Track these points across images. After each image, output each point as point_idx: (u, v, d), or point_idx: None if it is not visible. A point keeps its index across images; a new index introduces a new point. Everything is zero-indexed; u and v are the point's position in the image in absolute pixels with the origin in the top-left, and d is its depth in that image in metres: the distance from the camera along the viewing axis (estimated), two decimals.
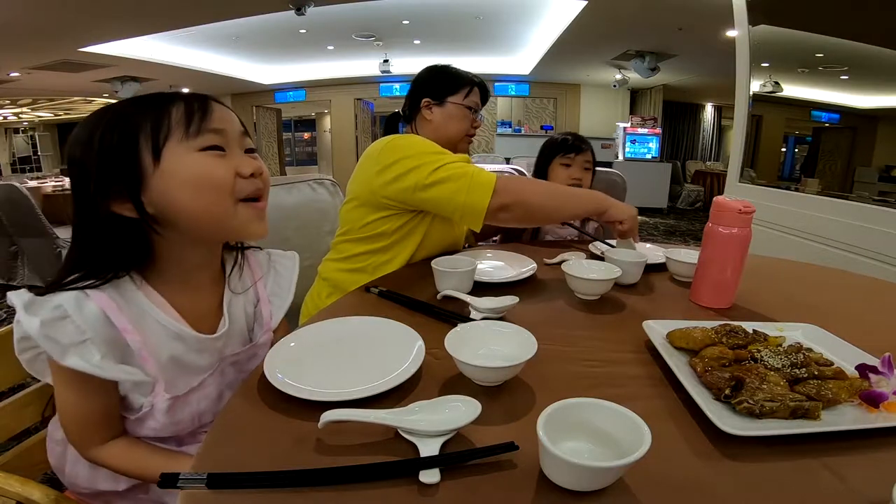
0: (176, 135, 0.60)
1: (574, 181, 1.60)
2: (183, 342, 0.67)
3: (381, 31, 7.12)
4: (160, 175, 0.60)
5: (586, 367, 0.68)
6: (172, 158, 0.60)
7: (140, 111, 0.61)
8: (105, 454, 0.65)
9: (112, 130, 0.60)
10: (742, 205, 0.86)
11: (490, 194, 1.06)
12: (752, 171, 2.59)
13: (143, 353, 0.63)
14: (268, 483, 0.44)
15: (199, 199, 0.61)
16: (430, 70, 1.37)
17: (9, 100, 10.03)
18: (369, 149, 1.21)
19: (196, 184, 0.61)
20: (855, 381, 0.59)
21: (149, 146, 0.59)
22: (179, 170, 0.60)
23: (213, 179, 0.62)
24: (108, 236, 0.61)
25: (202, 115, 0.62)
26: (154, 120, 0.60)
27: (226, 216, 0.64)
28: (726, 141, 11.05)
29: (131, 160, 0.59)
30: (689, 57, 7.03)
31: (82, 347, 0.57)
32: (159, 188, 0.60)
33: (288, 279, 0.84)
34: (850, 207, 1.91)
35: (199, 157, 0.61)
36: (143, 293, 0.64)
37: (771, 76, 2.41)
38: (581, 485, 0.43)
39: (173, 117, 0.61)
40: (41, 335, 0.55)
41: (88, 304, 0.59)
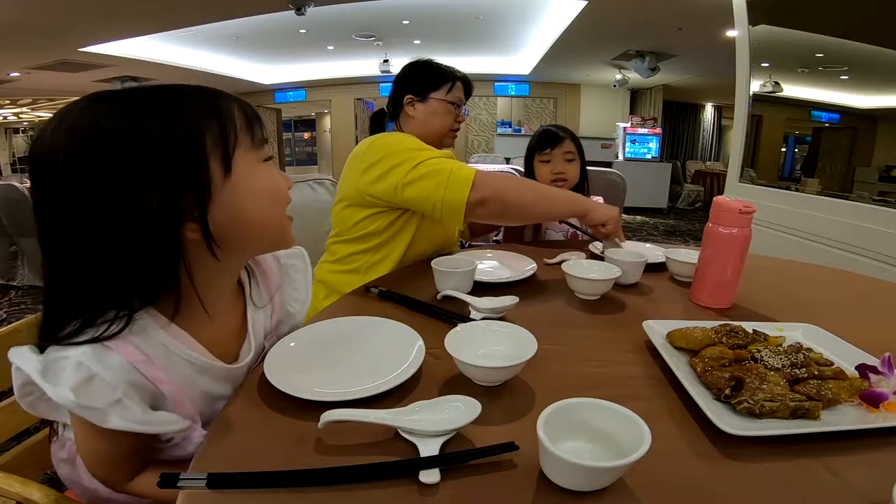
0: (243, 144, 0.56)
1: (557, 176, 1.53)
2: (209, 374, 0.62)
3: (381, 31, 7.12)
4: (232, 187, 0.54)
5: (586, 367, 0.68)
6: (244, 169, 0.55)
7: (199, 110, 0.53)
8: (138, 487, 0.61)
9: (174, 129, 0.51)
10: (742, 205, 0.86)
11: (469, 189, 1.05)
12: (752, 171, 2.59)
13: (178, 398, 0.58)
14: (268, 483, 0.44)
15: (270, 210, 0.60)
16: (412, 66, 1.36)
17: (9, 100, 10.02)
18: (356, 149, 1.22)
19: (269, 195, 0.59)
20: (855, 381, 0.59)
21: (218, 154, 0.53)
22: (253, 182, 0.57)
23: (281, 191, 0.61)
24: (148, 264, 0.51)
25: (260, 124, 0.59)
26: (220, 124, 0.54)
27: (283, 227, 0.63)
28: (726, 141, 11.05)
29: (202, 172, 0.52)
30: (689, 57, 7.03)
31: (120, 406, 0.51)
32: (228, 201, 0.54)
33: (303, 281, 0.81)
34: (849, 207, 1.91)
35: (265, 167, 0.59)
36: (166, 332, 0.57)
37: (771, 76, 2.41)
38: (581, 485, 0.43)
39: (237, 124, 0.56)
40: (78, 406, 0.48)
41: (111, 356, 0.51)
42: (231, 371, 0.64)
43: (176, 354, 0.58)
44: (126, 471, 0.60)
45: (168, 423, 0.56)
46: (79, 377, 0.49)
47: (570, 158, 1.55)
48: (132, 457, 0.60)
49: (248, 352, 0.67)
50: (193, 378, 0.60)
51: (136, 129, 0.49)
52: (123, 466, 0.60)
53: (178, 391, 0.58)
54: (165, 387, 0.56)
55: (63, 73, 7.46)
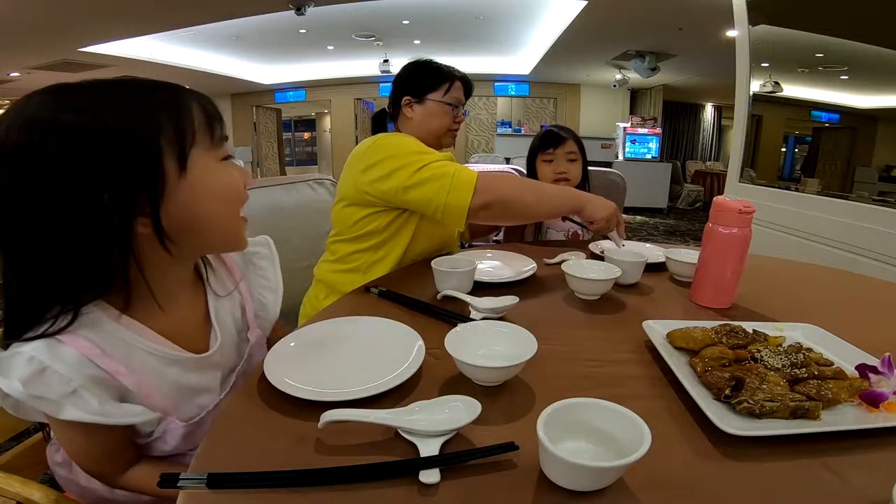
0: (201, 142, 0.56)
1: (559, 175, 1.55)
2: (179, 366, 0.62)
3: (381, 31, 7.12)
4: (187, 185, 0.54)
5: (586, 367, 0.68)
6: (200, 167, 0.56)
7: (157, 107, 0.53)
8: (132, 481, 0.62)
9: (128, 123, 0.51)
10: (742, 205, 0.86)
11: (471, 193, 1.07)
12: (752, 170, 2.58)
13: (143, 390, 0.58)
14: (268, 483, 0.44)
15: (224, 210, 0.59)
16: (410, 67, 1.35)
17: (8, 100, 10.04)
18: (356, 148, 1.23)
19: (225, 195, 0.59)
20: (855, 381, 0.59)
21: (174, 152, 0.53)
22: (209, 181, 0.57)
23: (237, 191, 0.61)
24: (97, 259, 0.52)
25: (220, 122, 0.59)
26: (176, 121, 0.54)
27: (234, 227, 0.62)
28: (726, 141, 11.05)
29: (156, 167, 0.52)
30: (689, 57, 7.03)
31: (75, 397, 0.52)
32: (183, 198, 0.54)
33: (271, 268, 0.80)
34: (849, 207, 1.91)
35: (223, 167, 0.59)
36: (116, 322, 0.57)
37: (771, 76, 2.41)
38: (581, 485, 0.43)
39: (195, 121, 0.56)
40: (27, 396, 0.49)
41: (64, 349, 0.52)
42: (199, 360, 0.64)
43: (136, 347, 0.58)
44: (115, 465, 0.62)
45: (133, 414, 0.57)
46: (30, 370, 0.50)
47: (573, 158, 1.56)
48: (117, 451, 0.61)
49: (215, 341, 0.67)
50: (161, 370, 0.60)
51: (91, 125, 0.49)
52: (111, 461, 0.61)
53: (144, 384, 0.58)
54: (126, 379, 0.56)
55: (63, 73, 7.46)
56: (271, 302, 0.79)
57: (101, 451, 0.59)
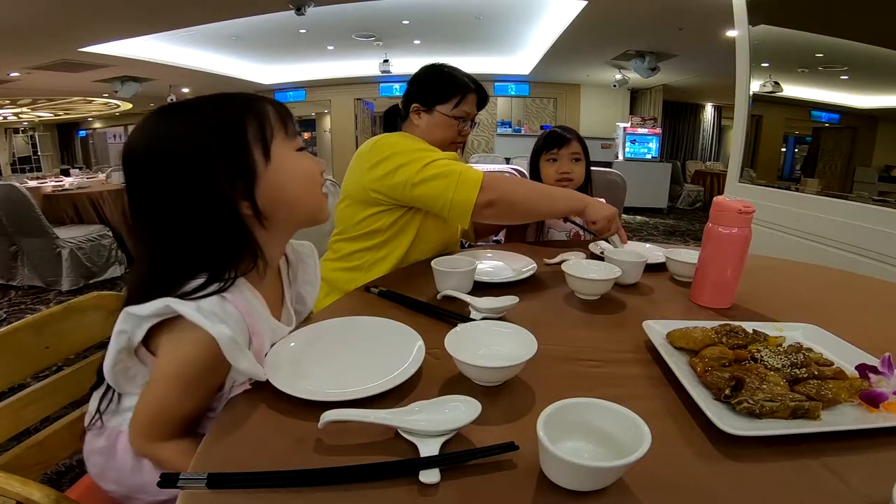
0: (278, 136, 0.67)
1: (563, 175, 1.54)
2: (272, 333, 0.69)
3: (381, 31, 7.11)
4: (273, 171, 0.65)
5: (586, 367, 0.69)
6: (280, 157, 0.66)
7: (238, 110, 0.65)
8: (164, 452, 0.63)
9: (221, 129, 0.63)
10: (742, 205, 0.86)
11: (477, 191, 1.09)
12: (752, 171, 2.58)
13: (259, 353, 0.64)
14: (268, 483, 0.45)
15: (305, 191, 0.70)
16: (427, 71, 1.35)
17: (9, 100, 10.02)
18: (360, 147, 1.24)
19: (304, 178, 0.69)
20: (855, 381, 0.59)
21: (259, 145, 0.64)
22: (289, 167, 0.67)
23: (314, 175, 0.71)
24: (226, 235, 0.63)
25: (291, 119, 0.70)
26: (258, 121, 0.65)
27: (317, 203, 0.72)
28: (726, 141, 11.05)
29: (249, 158, 0.63)
30: (689, 57, 7.02)
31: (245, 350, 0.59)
32: (271, 182, 0.65)
33: (314, 267, 0.90)
34: (849, 207, 1.91)
35: (299, 155, 0.69)
36: (250, 292, 0.66)
37: (771, 76, 2.41)
38: (581, 485, 0.43)
39: (270, 118, 0.66)
40: (231, 340, 0.56)
41: (230, 308, 0.60)
42: (283, 331, 0.73)
43: (260, 313, 0.66)
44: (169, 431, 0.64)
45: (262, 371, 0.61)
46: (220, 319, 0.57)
47: (577, 159, 1.57)
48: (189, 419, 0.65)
49: (288, 317, 0.79)
50: (266, 336, 0.67)
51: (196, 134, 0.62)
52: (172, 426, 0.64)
53: (262, 346, 0.65)
54: (256, 340, 0.64)
55: (63, 73, 7.45)
56: (310, 296, 0.88)
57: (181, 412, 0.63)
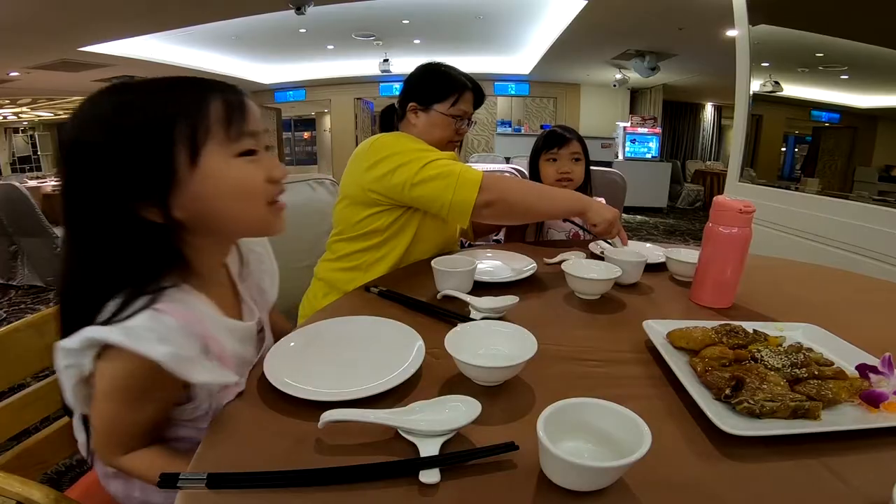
0: (216, 136, 0.56)
1: (563, 175, 1.54)
2: (233, 334, 0.65)
3: (381, 31, 7.11)
4: (197, 179, 0.55)
5: (586, 367, 0.68)
6: (212, 163, 0.56)
7: (175, 101, 0.55)
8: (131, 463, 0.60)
9: (143, 119, 0.53)
10: (742, 204, 0.86)
11: (477, 191, 1.09)
12: (752, 170, 2.58)
13: (222, 357, 0.60)
14: (267, 483, 0.44)
15: (237, 206, 0.59)
16: (423, 70, 1.34)
17: (8, 99, 10.01)
18: (358, 148, 1.24)
19: (236, 192, 0.58)
20: (855, 381, 0.59)
21: (186, 146, 0.54)
22: (219, 177, 0.56)
23: (252, 188, 0.60)
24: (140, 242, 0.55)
25: (241, 117, 0.58)
26: (192, 116, 0.55)
27: (258, 219, 0.63)
28: (726, 140, 11.04)
29: (166, 159, 0.54)
30: (689, 56, 7.02)
31: (197, 361, 0.54)
32: (194, 192, 0.55)
33: (266, 253, 0.83)
34: (850, 207, 1.91)
35: (238, 163, 0.58)
36: (192, 297, 0.60)
37: (771, 76, 2.40)
38: (581, 485, 0.43)
39: (212, 115, 0.56)
40: (174, 357, 0.50)
41: (167, 319, 0.53)
42: (246, 329, 0.69)
43: (208, 318, 0.60)
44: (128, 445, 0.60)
45: (228, 376, 0.58)
46: (157, 336, 0.51)
47: (577, 159, 1.56)
48: (146, 432, 0.61)
49: (249, 312, 0.72)
50: (226, 339, 0.62)
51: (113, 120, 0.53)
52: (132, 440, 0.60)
53: (223, 350, 0.60)
54: (213, 343, 0.58)
55: (62, 72, 7.45)
56: (269, 285, 0.81)
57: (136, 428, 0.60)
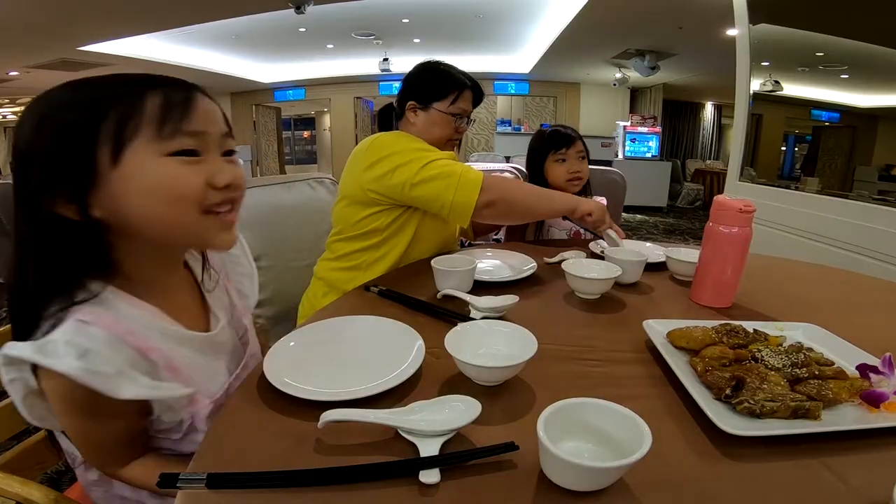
0: (146, 133, 0.51)
1: (573, 175, 1.55)
2: (188, 345, 0.62)
3: (381, 30, 7.10)
4: (118, 177, 0.51)
5: (586, 367, 0.68)
6: (136, 161, 0.51)
7: (108, 95, 0.52)
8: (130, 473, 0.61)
9: (69, 113, 0.51)
10: (743, 204, 0.86)
11: (478, 192, 1.10)
12: (752, 169, 2.58)
13: (171, 365, 0.58)
14: (267, 483, 0.44)
15: (160, 210, 0.53)
16: (422, 68, 1.33)
17: (8, 98, 10.01)
18: (357, 147, 1.24)
19: (159, 194, 0.52)
20: (856, 381, 0.59)
21: (110, 142, 0.50)
22: (142, 175, 0.51)
23: (180, 191, 0.53)
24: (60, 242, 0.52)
25: (182, 114, 0.53)
26: (123, 110, 0.51)
27: (188, 227, 0.56)
28: (726, 139, 11.04)
29: (86, 154, 0.50)
30: (689, 56, 7.02)
31: (123, 376, 0.51)
32: (114, 191, 0.51)
33: (243, 255, 0.81)
34: (850, 206, 1.91)
35: (168, 163, 0.53)
36: (126, 303, 0.56)
37: (771, 75, 2.40)
38: (581, 485, 0.43)
39: (147, 111, 0.51)
40: (87, 373, 0.48)
41: (94, 331, 0.51)
42: (205, 339, 0.65)
43: (151, 326, 0.58)
44: (120, 457, 0.61)
45: (172, 389, 0.56)
46: (76, 350, 0.48)
47: (582, 157, 1.59)
48: (128, 441, 0.60)
49: (216, 322, 0.68)
50: (175, 348, 0.60)
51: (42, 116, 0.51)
52: (117, 452, 0.60)
53: (170, 360, 0.58)
54: (155, 354, 0.56)
55: (62, 71, 7.42)
56: (248, 287, 0.80)
57: (112, 440, 0.59)
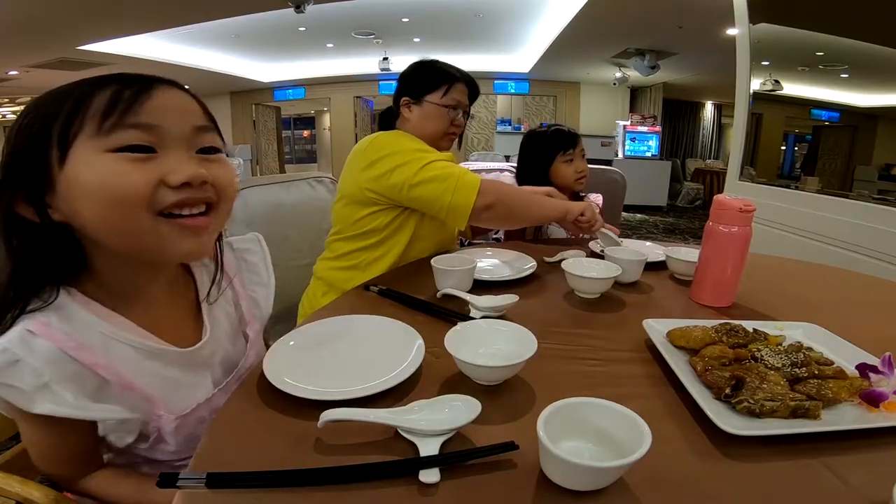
0: (88, 129, 0.49)
1: (580, 175, 1.60)
2: (160, 359, 0.60)
3: (381, 29, 7.10)
4: (65, 178, 0.49)
5: (586, 366, 0.68)
6: (77, 159, 0.49)
7: (63, 97, 0.50)
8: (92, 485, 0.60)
9: (31, 118, 0.50)
10: (742, 203, 0.86)
11: (475, 194, 1.10)
12: (752, 169, 2.58)
13: (124, 381, 0.55)
14: (267, 483, 0.44)
15: (105, 213, 0.50)
16: (413, 66, 1.34)
17: (8, 98, 10.01)
18: (356, 147, 1.24)
19: (100, 194, 0.49)
20: (855, 380, 0.59)
21: (57, 141, 0.49)
22: (82, 174, 0.49)
23: (121, 190, 0.49)
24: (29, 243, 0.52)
25: (127, 106, 0.49)
26: (70, 108, 0.49)
27: (140, 233, 0.52)
28: (726, 139, 11.03)
29: (39, 156, 0.49)
30: (689, 55, 7.02)
31: (47, 391, 0.49)
32: (64, 193, 0.50)
33: (262, 264, 0.79)
34: (850, 206, 1.91)
35: (109, 160, 0.49)
36: (91, 313, 0.55)
37: (771, 75, 2.40)
38: (581, 484, 0.43)
39: (93, 106, 0.49)
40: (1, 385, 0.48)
41: (38, 342, 0.50)
42: (183, 355, 0.62)
43: (113, 339, 0.56)
44: (79, 467, 0.60)
45: (107, 411, 0.55)
46: (3, 360, 0.48)
47: (584, 155, 1.63)
48: (81, 456, 0.60)
49: (205, 335, 0.66)
50: (141, 362, 0.58)
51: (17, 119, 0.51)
52: (76, 463, 0.60)
53: (123, 376, 0.55)
54: (105, 371, 0.54)
55: (62, 71, 7.42)
56: (263, 298, 0.77)
57: (67, 451, 0.58)
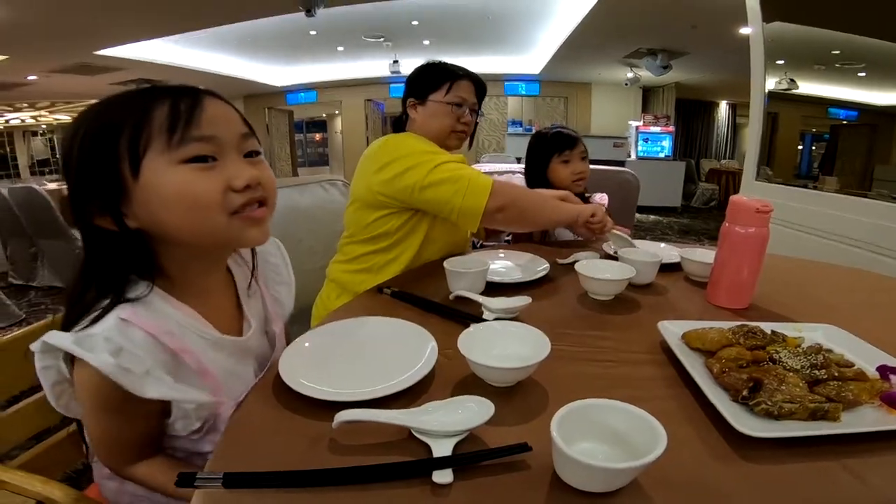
0: (157, 145, 0.54)
1: (578, 176, 1.56)
2: (222, 349, 0.64)
3: (391, 32, 7.13)
4: (141, 190, 0.54)
5: (600, 368, 0.68)
6: (152, 173, 0.54)
7: (122, 112, 0.55)
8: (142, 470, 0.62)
9: (92, 133, 0.54)
10: (759, 204, 0.85)
11: (487, 196, 1.09)
12: (768, 169, 2.54)
13: (203, 369, 0.60)
14: (283, 483, 0.45)
15: (184, 218, 0.56)
16: (419, 68, 1.34)
17: (27, 103, 10.21)
18: (367, 150, 1.24)
19: (179, 203, 0.55)
20: (876, 382, 0.58)
21: (128, 156, 0.53)
22: (160, 186, 0.54)
23: (198, 198, 0.55)
24: (107, 247, 0.56)
25: (188, 120, 0.55)
26: (134, 125, 0.53)
27: (217, 231, 0.58)
28: (741, 139, 10.89)
29: (111, 171, 0.54)
30: (702, 55, 6.95)
31: (151, 377, 0.53)
32: (141, 203, 0.55)
33: (283, 264, 0.83)
34: (869, 206, 1.88)
35: (182, 171, 0.54)
36: (167, 304, 0.59)
37: (786, 73, 2.37)
38: (595, 486, 0.43)
39: (155, 122, 0.54)
40: (118, 369, 0.50)
41: (134, 331, 0.54)
42: (237, 344, 0.67)
43: (188, 329, 0.60)
44: (133, 455, 0.62)
45: (196, 394, 0.58)
46: (111, 347, 0.51)
47: (584, 157, 1.59)
48: (143, 442, 0.62)
49: (248, 328, 0.70)
50: (209, 352, 0.62)
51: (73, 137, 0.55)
52: (132, 450, 0.62)
53: (202, 362, 0.60)
54: (189, 358, 0.59)
55: (80, 75, 7.57)
56: (285, 296, 0.81)
57: (134, 436, 0.61)
